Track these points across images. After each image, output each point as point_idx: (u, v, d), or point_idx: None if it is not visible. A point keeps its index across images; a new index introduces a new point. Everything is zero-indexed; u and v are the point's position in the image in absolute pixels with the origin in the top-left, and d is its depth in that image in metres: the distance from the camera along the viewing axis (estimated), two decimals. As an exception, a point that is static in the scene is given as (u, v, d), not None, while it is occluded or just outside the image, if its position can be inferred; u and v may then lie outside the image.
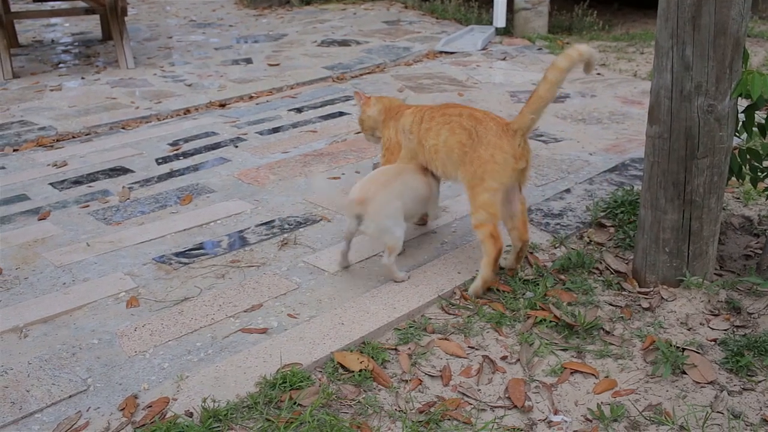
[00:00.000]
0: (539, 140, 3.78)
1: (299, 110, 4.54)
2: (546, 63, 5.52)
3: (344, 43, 6.74)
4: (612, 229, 2.72)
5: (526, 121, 2.33)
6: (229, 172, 3.44)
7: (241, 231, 2.78)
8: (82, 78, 5.57)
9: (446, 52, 6.43)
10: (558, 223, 2.77)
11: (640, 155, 3.35)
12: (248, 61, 6.10)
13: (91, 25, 7.98)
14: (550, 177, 3.24)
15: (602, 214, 2.82)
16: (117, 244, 2.70)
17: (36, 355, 2.03)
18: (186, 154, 3.75)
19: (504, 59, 5.94)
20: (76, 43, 7.14)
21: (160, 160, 3.66)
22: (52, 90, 5.26)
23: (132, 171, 3.52)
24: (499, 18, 6.90)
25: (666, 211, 2.29)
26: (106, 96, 5.05)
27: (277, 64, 5.98)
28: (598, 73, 5.29)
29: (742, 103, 2.23)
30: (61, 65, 6.07)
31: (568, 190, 3.08)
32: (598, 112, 4.30)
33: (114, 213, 3.01)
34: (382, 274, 2.42)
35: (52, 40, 7.46)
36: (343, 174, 3.37)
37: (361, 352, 2.01)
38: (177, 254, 2.60)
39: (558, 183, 3.18)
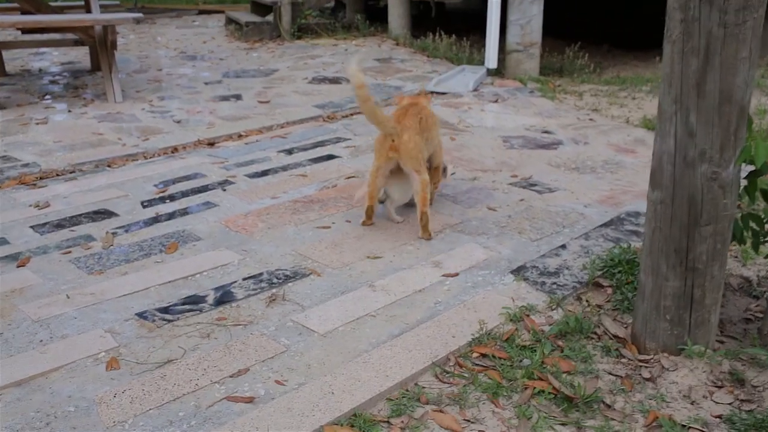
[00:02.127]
0: (533, 190, 3.73)
1: (289, 152, 4.48)
2: (538, 106, 5.51)
3: (335, 81, 6.71)
4: (609, 290, 2.66)
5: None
6: (216, 219, 3.35)
7: (227, 285, 2.69)
8: (69, 111, 5.49)
9: (438, 93, 6.40)
10: (554, 283, 2.70)
11: (636, 208, 3.30)
12: (238, 97, 6.04)
13: (81, 54, 7.92)
14: (545, 231, 3.18)
15: (599, 273, 2.76)
16: (98, 297, 2.59)
17: (7, 424, 1.92)
18: (173, 197, 3.66)
19: (496, 101, 5.91)
20: (65, 73, 7.07)
21: (145, 203, 3.57)
22: (37, 123, 5.17)
23: (116, 214, 3.42)
24: (491, 59, 6.90)
25: (668, 278, 2.23)
26: (92, 131, 4.96)
27: (268, 101, 5.93)
28: (590, 119, 5.28)
29: (745, 168, 2.18)
30: (47, 97, 6.00)
31: (563, 246, 3.02)
32: (592, 160, 4.26)
33: (96, 261, 2.90)
34: (373, 336, 2.33)
35: (40, 69, 7.40)
36: (333, 223, 3.29)
37: (352, 426, 1.91)
38: (161, 310, 2.50)
39: (553, 237, 3.12)
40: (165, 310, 2.50)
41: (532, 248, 3.02)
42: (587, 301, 2.60)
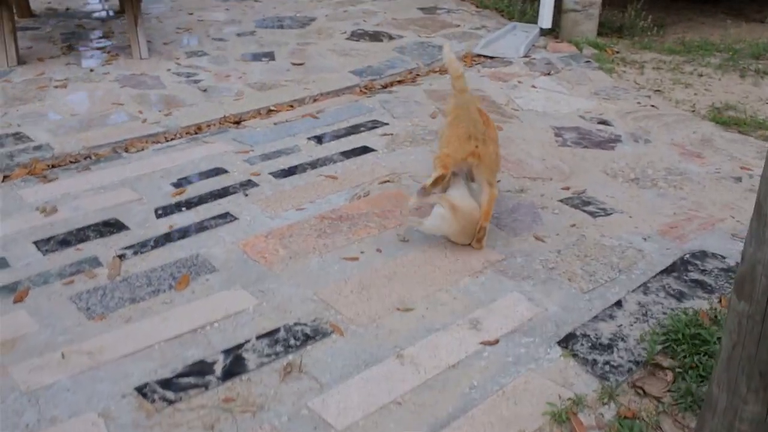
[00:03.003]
0: (586, 210, 3.34)
1: (320, 139, 4.11)
2: (594, 82, 5.04)
3: (375, 37, 6.24)
4: (671, 375, 2.32)
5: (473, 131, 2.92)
6: (234, 239, 3.05)
7: (239, 346, 2.40)
8: (91, 70, 5.15)
9: (485, 56, 5.91)
10: (607, 362, 2.36)
11: (701, 245, 2.95)
12: (270, 56, 5.63)
13: (109, -7, 7.48)
14: (598, 277, 2.81)
15: (659, 348, 2.40)
16: (96, 358, 2.33)
17: None
18: (189, 203, 3.35)
19: (549, 73, 5.42)
20: (94, 14, 6.70)
21: (159, 211, 3.27)
22: (56, 87, 4.86)
23: (127, 228, 3.13)
24: (545, 18, 6.35)
25: (747, 401, 1.88)
26: (112, 100, 4.65)
27: (302, 64, 5.51)
28: (653, 105, 4.79)
29: None
30: (71, 48, 5.62)
31: (619, 304, 2.66)
32: (653, 167, 3.82)
33: (100, 299, 2.64)
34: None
35: (68, 8, 7.01)
36: (362, 253, 2.96)
37: None
38: (163, 383, 2.23)
39: (607, 288, 2.76)
40: (167, 383, 2.24)
41: (583, 303, 2.66)
42: (644, 390, 2.26)
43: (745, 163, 3.91)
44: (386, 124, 4.37)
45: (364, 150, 3.99)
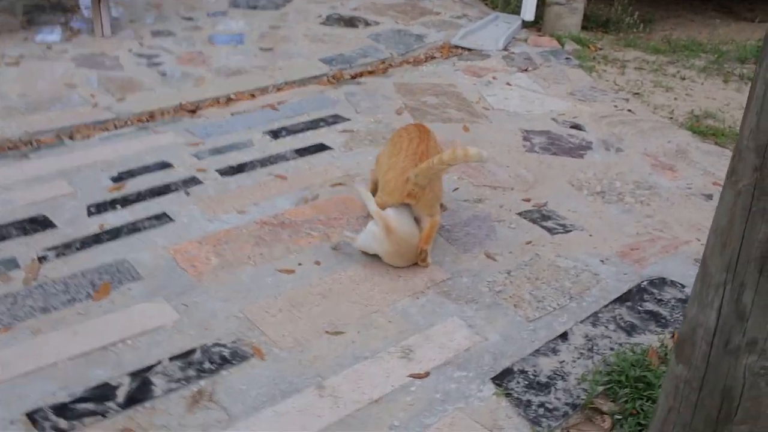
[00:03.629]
0: (545, 226, 3.16)
1: (276, 134, 3.91)
2: (572, 82, 4.84)
3: (351, 22, 6.00)
4: (609, 421, 2.15)
5: (412, 178, 2.72)
6: (167, 243, 2.86)
7: (149, 368, 2.22)
8: (48, 48, 4.91)
9: (463, 48, 5.69)
10: (542, 404, 2.20)
11: (660, 271, 2.82)
12: (239, 39, 5.41)
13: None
14: (547, 303, 2.65)
15: (600, 389, 2.24)
16: (-8, 375, 2.14)
17: None
18: (126, 200, 3.16)
19: (526, 70, 5.21)
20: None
21: (92, 209, 3.08)
22: (8, 64, 4.64)
23: (54, 226, 2.94)
24: (528, 10, 6.13)
25: (679, 466, 1.71)
26: (65, 81, 4.43)
27: (270, 49, 5.30)
28: (629, 110, 4.61)
29: None
30: (31, 22, 5.37)
31: (564, 336, 2.49)
32: (621, 179, 3.64)
33: (9, 307, 2.46)
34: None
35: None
36: (299, 265, 2.78)
37: None
38: (58, 409, 2.07)
39: (555, 316, 2.59)
40: (63, 409, 2.07)
41: (527, 333, 2.50)
42: (579, 437, 2.10)
43: (719, 179, 3.73)
44: (348, 119, 4.17)
45: (320, 148, 3.79)
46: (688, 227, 3.28)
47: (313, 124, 4.08)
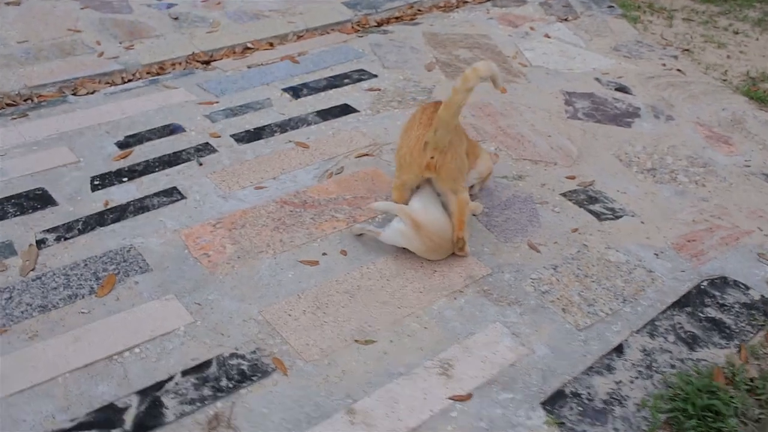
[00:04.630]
0: (592, 210, 2.87)
1: (296, 93, 3.58)
2: (616, 34, 4.47)
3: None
4: (674, 458, 1.90)
5: (431, 138, 2.38)
6: (177, 225, 2.60)
7: (160, 385, 1.99)
8: (50, -16, 4.53)
9: (497, -10, 5.26)
10: (599, 436, 1.94)
11: (721, 267, 2.62)
12: (256, -22, 4.97)
13: None
14: (599, 307, 2.38)
15: (663, 417, 1.98)
16: (-17, 392, 1.91)
17: None
18: (133, 171, 2.88)
19: (566, 19, 4.80)
20: None
21: (96, 181, 2.81)
22: (8, 3, 4.26)
23: (55, 203, 2.67)
24: (569, -50, 5.61)
25: None
26: (69, 25, 4.09)
27: (289, -11, 4.86)
28: (679, 69, 4.22)
29: None
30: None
31: (620, 349, 2.23)
32: (673, 154, 3.31)
33: (4, 304, 2.21)
34: None
35: None
36: (324, 254, 2.51)
37: None
38: (56, 436, 1.82)
39: (608, 324, 2.32)
40: (62, 436, 1.82)
41: (578, 345, 2.24)
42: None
43: (779, 155, 3.40)
44: (375, 75, 3.82)
45: (345, 110, 3.47)
46: (749, 214, 2.97)
47: (337, 81, 3.74)
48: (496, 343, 2.23)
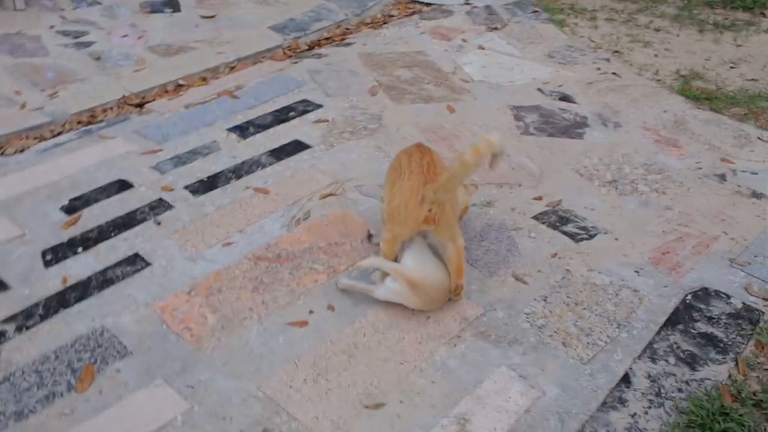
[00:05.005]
0: (566, 232, 2.87)
1: (243, 131, 3.43)
2: (547, 40, 4.53)
3: (296, -22, 5.40)
4: (702, 490, 1.89)
5: (430, 195, 2.28)
6: (148, 298, 2.42)
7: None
8: (-50, 30, 4.18)
9: (421, 2, 5.23)
10: (629, 478, 1.91)
11: (700, 278, 2.68)
12: (174, 5, 4.78)
13: None
14: (597, 336, 2.37)
15: (683, 446, 1.98)
16: None
17: None
18: (87, 239, 2.68)
19: (495, 28, 4.81)
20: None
21: (48, 255, 2.59)
22: None
23: (7, 287, 2.44)
24: (486, -44, 5.65)
25: None
26: (-20, 76, 3.75)
27: (213, 16, 4.71)
28: (614, 73, 4.29)
29: None
30: None
31: (626, 379, 2.23)
32: (629, 163, 3.36)
33: (-28, 414, 1.97)
34: None
35: None
36: (311, 313, 2.40)
37: None
38: None
39: (609, 353, 2.32)
40: None
41: (585, 380, 2.22)
42: None
43: (725, 154, 3.50)
44: (320, 105, 3.71)
45: (298, 147, 3.34)
46: (712, 218, 3.04)
47: (282, 114, 3.61)
48: (506, 389, 2.18)
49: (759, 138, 3.65)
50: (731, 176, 3.34)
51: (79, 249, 2.64)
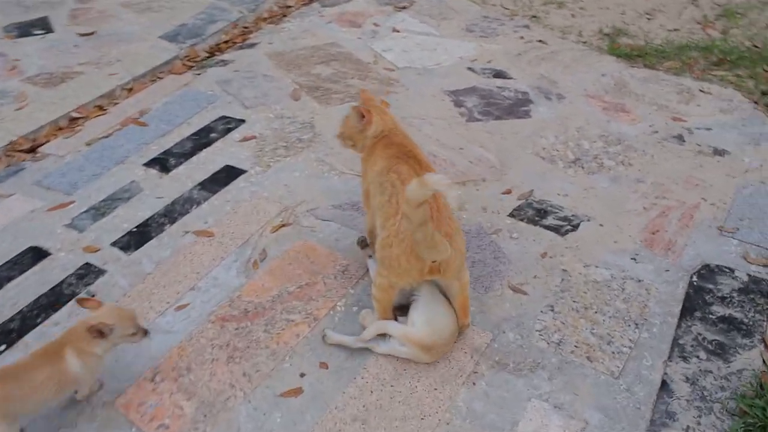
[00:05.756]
0: (547, 226, 2.64)
1: (162, 165, 3.00)
2: (459, 13, 4.33)
3: (174, -22, 4.88)
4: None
5: None
6: (105, 395, 2.02)
7: None
8: None
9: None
10: (708, 508, 1.70)
11: (698, 256, 2.57)
12: (46, 26, 4.19)
13: None
14: (618, 343, 2.17)
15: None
16: None
17: None
18: (8, 332, 2.22)
19: (403, 8, 4.50)
20: None
21: (-34, 362, 2.09)
22: None
23: None
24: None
25: None
26: None
27: (92, 33, 4.15)
28: (540, 40, 4.08)
29: None
30: None
31: (665, 387, 2.01)
32: (586, 137, 3.17)
33: None
34: None
35: None
36: (303, 375, 2.05)
37: None
38: None
39: (637, 360, 2.14)
40: None
41: (624, 399, 2.00)
42: None
43: (674, 112, 3.37)
44: (242, 120, 3.31)
45: (230, 173, 2.95)
46: (684, 185, 2.90)
47: (202, 137, 3.19)
48: (545, 426, 1.93)
49: (701, 90, 3.54)
50: (688, 136, 3.21)
51: (2, 347, 2.16)
